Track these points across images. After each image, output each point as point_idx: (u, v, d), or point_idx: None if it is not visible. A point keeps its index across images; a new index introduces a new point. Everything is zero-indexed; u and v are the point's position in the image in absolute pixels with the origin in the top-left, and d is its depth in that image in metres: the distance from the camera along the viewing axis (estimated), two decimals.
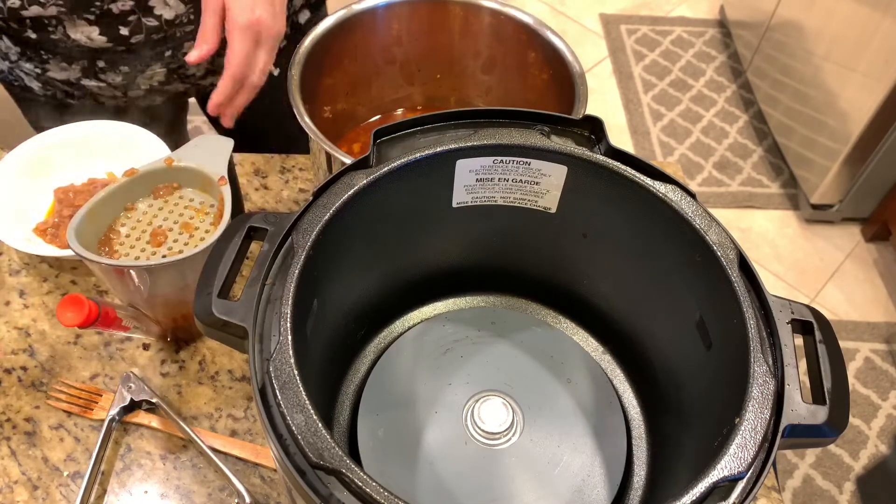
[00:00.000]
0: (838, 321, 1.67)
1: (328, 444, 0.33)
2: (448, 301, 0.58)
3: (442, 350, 0.53)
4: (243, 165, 0.79)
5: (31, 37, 0.72)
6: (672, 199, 0.42)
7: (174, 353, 0.64)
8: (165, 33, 0.74)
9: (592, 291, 0.54)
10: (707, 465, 0.34)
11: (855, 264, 1.80)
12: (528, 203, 0.49)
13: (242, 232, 0.41)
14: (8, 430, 0.59)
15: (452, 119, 0.46)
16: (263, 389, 0.35)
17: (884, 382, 1.59)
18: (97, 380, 0.62)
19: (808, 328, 0.40)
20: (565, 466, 0.48)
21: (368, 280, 0.51)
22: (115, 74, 0.77)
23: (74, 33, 0.70)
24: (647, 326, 0.51)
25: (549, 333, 0.55)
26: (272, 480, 0.58)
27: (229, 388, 0.63)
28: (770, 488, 0.59)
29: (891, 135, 1.60)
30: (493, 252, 0.55)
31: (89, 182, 0.73)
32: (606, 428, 0.50)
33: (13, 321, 0.66)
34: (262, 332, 0.37)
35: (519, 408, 0.50)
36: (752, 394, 0.35)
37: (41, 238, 0.68)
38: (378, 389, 0.51)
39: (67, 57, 0.75)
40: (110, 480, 0.57)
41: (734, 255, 0.40)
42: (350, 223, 0.43)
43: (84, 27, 0.70)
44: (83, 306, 0.50)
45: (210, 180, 0.59)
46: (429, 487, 0.46)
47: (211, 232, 0.58)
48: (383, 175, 0.43)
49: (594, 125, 0.45)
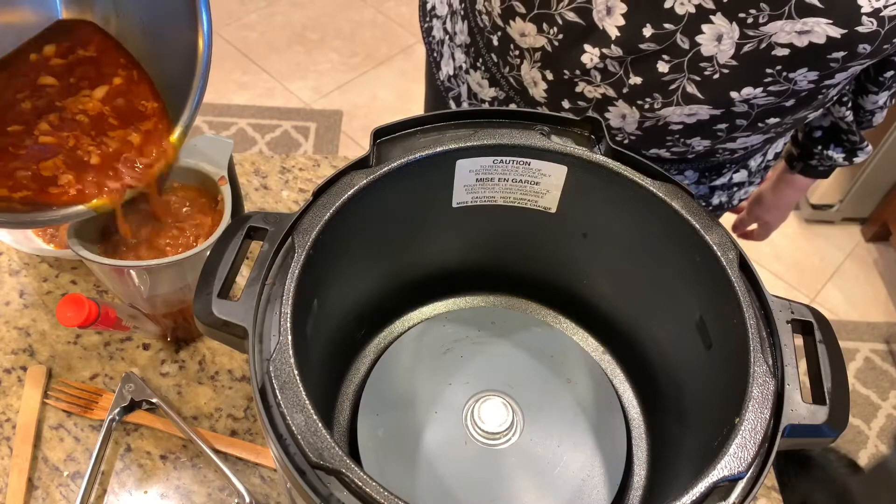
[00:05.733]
0: (838, 321, 1.67)
1: (328, 444, 0.33)
2: (448, 301, 0.58)
3: (442, 350, 0.53)
4: (243, 165, 0.79)
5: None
6: (672, 200, 0.42)
7: (174, 353, 0.64)
8: None
9: (592, 291, 0.54)
10: (707, 464, 0.34)
11: (855, 264, 1.80)
12: (528, 203, 0.49)
13: (242, 232, 0.41)
14: (8, 430, 0.59)
15: (452, 119, 0.46)
16: (263, 389, 0.35)
17: (884, 382, 1.59)
18: (97, 380, 0.62)
19: (808, 328, 0.40)
20: (565, 466, 0.48)
21: (368, 280, 0.51)
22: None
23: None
24: (647, 326, 0.51)
25: (549, 333, 0.55)
26: (272, 480, 0.58)
27: (229, 388, 0.63)
28: (770, 488, 0.59)
29: (891, 135, 1.59)
30: (493, 252, 0.55)
31: None
32: (606, 428, 0.50)
33: (13, 321, 0.66)
34: (262, 332, 0.37)
35: (519, 408, 0.50)
36: (752, 394, 0.36)
37: (41, 238, 0.68)
38: (378, 389, 0.51)
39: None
40: (110, 480, 0.57)
41: (734, 256, 0.40)
42: (350, 223, 0.43)
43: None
44: (83, 306, 0.50)
45: (210, 180, 0.59)
46: (429, 487, 0.46)
47: (211, 232, 0.58)
48: (383, 175, 0.43)
49: (594, 125, 0.45)
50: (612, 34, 0.56)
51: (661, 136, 0.64)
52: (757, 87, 0.56)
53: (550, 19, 0.58)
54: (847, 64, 0.53)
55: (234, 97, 2.02)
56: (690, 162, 0.71)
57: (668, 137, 0.64)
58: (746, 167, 0.79)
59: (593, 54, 0.58)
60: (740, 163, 0.75)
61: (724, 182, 0.78)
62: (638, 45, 0.56)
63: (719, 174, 0.75)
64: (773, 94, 0.57)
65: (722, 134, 0.63)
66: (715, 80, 0.56)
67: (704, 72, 0.56)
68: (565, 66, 0.61)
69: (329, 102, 2.06)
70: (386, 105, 2.07)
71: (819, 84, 0.56)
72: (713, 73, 0.56)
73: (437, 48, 0.80)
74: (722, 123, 0.61)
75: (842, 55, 0.52)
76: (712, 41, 0.54)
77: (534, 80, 0.65)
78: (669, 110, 0.60)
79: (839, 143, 0.79)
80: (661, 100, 0.59)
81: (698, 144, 0.65)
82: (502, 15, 0.63)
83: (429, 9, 0.81)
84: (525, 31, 0.61)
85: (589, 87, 0.61)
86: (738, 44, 0.53)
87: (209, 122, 1.96)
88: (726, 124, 0.61)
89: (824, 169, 0.84)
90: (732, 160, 0.73)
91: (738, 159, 0.73)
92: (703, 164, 0.71)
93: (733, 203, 0.87)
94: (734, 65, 0.54)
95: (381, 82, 2.13)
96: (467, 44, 0.73)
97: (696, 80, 0.57)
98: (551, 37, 0.59)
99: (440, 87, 0.81)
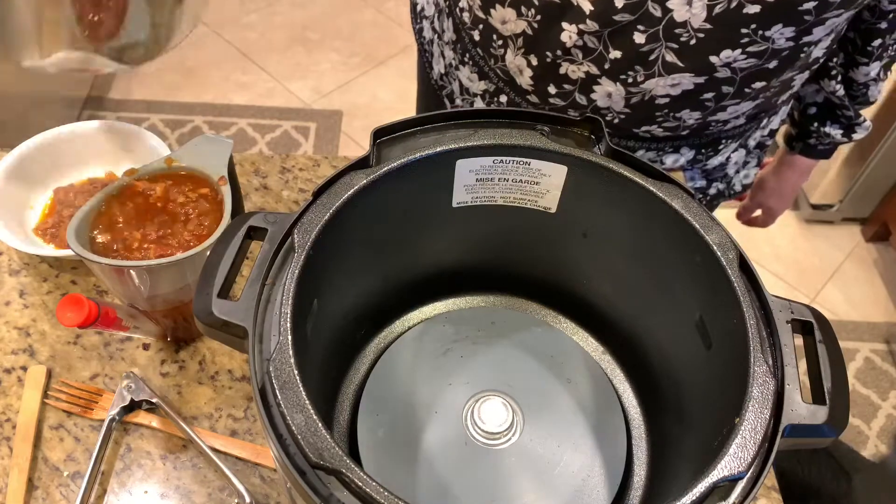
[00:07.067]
0: (838, 321, 1.67)
1: (328, 444, 0.33)
2: (448, 301, 0.58)
3: (442, 350, 0.53)
4: (243, 165, 0.79)
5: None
6: (672, 200, 0.42)
7: (174, 353, 0.64)
8: None
9: (592, 291, 0.54)
10: (707, 464, 0.34)
11: (855, 264, 1.80)
12: (528, 203, 0.49)
13: (242, 232, 0.41)
14: (8, 430, 0.59)
15: (452, 119, 0.46)
16: (263, 389, 0.35)
17: (884, 382, 1.59)
18: (97, 380, 0.62)
19: (808, 328, 0.40)
20: (565, 466, 0.48)
21: (368, 280, 0.51)
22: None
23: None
24: (647, 326, 0.51)
25: (549, 333, 0.55)
26: (272, 480, 0.58)
27: (229, 388, 0.63)
28: (770, 488, 0.59)
29: (890, 135, 1.60)
30: (493, 252, 0.55)
31: (89, 182, 0.73)
32: (606, 428, 0.50)
33: (13, 321, 0.66)
34: (262, 332, 0.37)
35: (519, 408, 0.50)
36: (752, 394, 0.36)
37: (41, 238, 0.68)
38: (378, 389, 0.51)
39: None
40: (110, 480, 0.57)
41: (734, 256, 0.40)
42: (350, 223, 0.43)
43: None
44: (83, 306, 0.50)
45: (210, 180, 0.59)
46: (429, 487, 0.47)
47: (211, 232, 0.58)
48: (383, 175, 0.43)
49: (594, 125, 0.45)
50: (587, 9, 0.58)
51: (650, 112, 0.65)
52: (735, 48, 0.57)
53: (527, 1, 0.60)
54: (822, 15, 0.54)
55: (234, 97, 2.02)
56: (685, 139, 0.71)
57: (657, 113, 0.65)
58: (745, 146, 0.79)
59: (571, 32, 0.60)
60: (736, 138, 0.75)
61: (722, 161, 0.78)
62: (612, 17, 0.57)
63: (716, 151, 0.76)
64: (754, 56, 0.58)
65: (710, 104, 0.64)
66: (692, 46, 0.58)
67: (681, 38, 0.57)
68: (547, 48, 0.63)
69: (329, 102, 2.06)
70: (386, 105, 2.07)
71: (798, 42, 0.58)
72: (689, 38, 0.57)
73: (428, 48, 0.82)
74: (708, 92, 0.62)
75: (813, 6, 0.53)
76: (683, 5, 0.55)
77: (519, 67, 0.66)
78: (653, 82, 0.61)
79: (835, 119, 0.79)
80: (644, 72, 0.61)
81: (689, 117, 0.66)
82: (482, 6, 0.65)
83: (418, 10, 0.83)
84: (506, 18, 0.63)
85: (572, 66, 0.63)
86: (709, 5, 0.54)
87: (209, 122, 1.96)
88: (713, 93, 0.63)
89: (824, 148, 0.84)
90: (727, 134, 0.73)
91: (733, 133, 0.74)
92: (697, 139, 0.72)
93: (734, 189, 0.87)
94: (709, 28, 0.55)
95: (381, 82, 2.13)
96: (454, 40, 0.74)
97: (674, 48, 0.58)
98: (530, 19, 0.61)
99: (434, 85, 0.82)
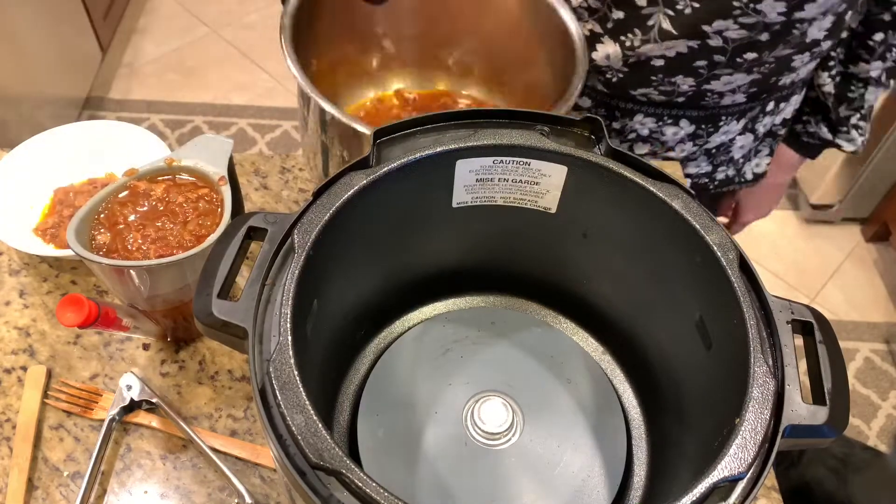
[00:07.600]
0: (838, 321, 1.67)
1: (328, 444, 0.33)
2: (448, 301, 0.58)
3: (442, 350, 0.53)
4: (243, 165, 0.79)
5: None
6: (672, 200, 0.42)
7: (174, 353, 0.64)
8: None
9: (592, 291, 0.54)
10: (707, 465, 0.34)
11: (855, 264, 1.80)
12: (528, 203, 0.49)
13: (242, 232, 0.41)
14: (8, 430, 0.59)
15: (452, 119, 0.46)
16: (263, 390, 0.35)
17: (884, 382, 1.59)
18: (97, 380, 0.62)
19: (808, 328, 0.40)
20: (565, 466, 0.48)
21: (368, 280, 0.51)
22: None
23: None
24: (647, 327, 0.51)
25: (549, 333, 0.55)
26: (272, 480, 0.58)
27: (229, 388, 0.63)
28: (770, 488, 0.59)
29: (891, 135, 1.59)
30: (493, 252, 0.55)
31: (89, 182, 0.73)
32: (606, 428, 0.50)
33: (13, 321, 0.66)
34: (262, 333, 0.37)
35: (519, 408, 0.50)
36: (753, 394, 0.35)
37: (41, 238, 0.68)
38: (378, 389, 0.51)
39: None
40: (110, 480, 0.57)
41: (734, 256, 0.40)
42: (350, 223, 0.43)
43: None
44: (83, 306, 0.50)
45: (210, 180, 0.59)
46: (429, 487, 0.46)
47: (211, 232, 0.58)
48: (383, 175, 0.43)
49: (594, 125, 0.45)
50: None
51: (646, 74, 0.70)
52: (727, 19, 0.62)
53: None
54: None
55: (234, 97, 2.02)
56: (681, 107, 0.75)
57: (652, 77, 0.70)
58: (752, 130, 0.79)
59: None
60: (737, 116, 0.76)
61: (724, 141, 0.79)
62: None
63: (716, 127, 0.77)
64: (746, 28, 0.63)
65: (703, 71, 0.68)
66: (686, 15, 0.63)
67: (677, 5, 0.63)
68: None
69: None
70: None
71: (790, 17, 0.61)
72: (685, 7, 0.63)
73: None
74: (701, 60, 0.67)
75: None
76: None
77: None
78: (648, 48, 0.67)
79: (825, 116, 0.81)
80: (640, 36, 0.67)
81: (682, 83, 0.70)
82: None
83: None
84: None
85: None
86: None
87: (209, 122, 1.96)
88: (705, 60, 0.67)
89: (808, 142, 0.84)
90: (726, 110, 0.75)
91: (733, 110, 0.76)
92: (695, 111, 0.75)
93: (745, 177, 0.86)
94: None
95: None
96: None
97: (670, 15, 0.64)
98: None
99: None
